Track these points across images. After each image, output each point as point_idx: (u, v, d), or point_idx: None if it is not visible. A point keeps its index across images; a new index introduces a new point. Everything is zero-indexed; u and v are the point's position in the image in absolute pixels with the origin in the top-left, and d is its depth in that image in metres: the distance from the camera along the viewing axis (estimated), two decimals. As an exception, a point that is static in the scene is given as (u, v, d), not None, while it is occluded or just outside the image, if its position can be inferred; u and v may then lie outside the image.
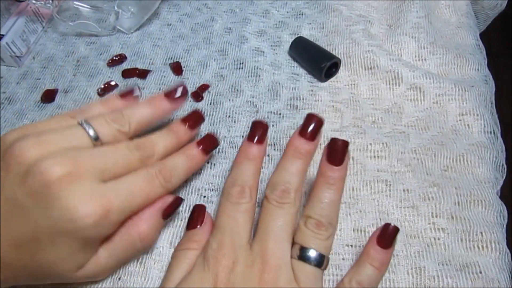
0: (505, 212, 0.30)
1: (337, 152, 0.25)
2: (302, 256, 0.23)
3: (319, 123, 0.27)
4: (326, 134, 0.34)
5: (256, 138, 0.28)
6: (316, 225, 0.24)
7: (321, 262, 0.23)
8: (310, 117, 0.27)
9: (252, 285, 0.22)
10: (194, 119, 0.30)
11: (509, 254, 0.28)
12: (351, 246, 0.28)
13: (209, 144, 0.29)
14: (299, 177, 0.25)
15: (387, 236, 0.24)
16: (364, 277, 0.23)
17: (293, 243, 0.24)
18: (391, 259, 0.25)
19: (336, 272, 0.27)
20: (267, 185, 0.26)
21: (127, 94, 0.29)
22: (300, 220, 0.25)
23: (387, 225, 0.25)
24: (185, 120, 0.29)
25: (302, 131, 0.26)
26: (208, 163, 0.33)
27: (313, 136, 0.26)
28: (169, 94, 0.29)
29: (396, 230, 0.25)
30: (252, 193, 0.26)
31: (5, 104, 0.39)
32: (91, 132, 0.24)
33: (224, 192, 0.27)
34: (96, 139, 0.24)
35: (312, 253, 0.23)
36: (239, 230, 0.24)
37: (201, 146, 0.28)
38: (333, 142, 0.25)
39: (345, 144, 0.25)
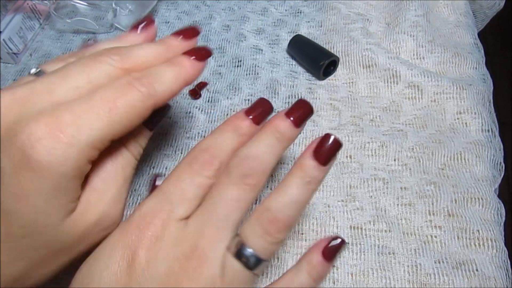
0: (503, 210, 0.30)
1: (327, 149, 0.21)
2: (238, 253, 0.20)
3: (309, 112, 0.23)
4: (324, 132, 0.34)
5: (253, 115, 0.23)
6: (270, 222, 0.20)
7: (256, 266, 0.20)
8: (301, 103, 0.23)
9: (172, 268, 0.19)
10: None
11: (506, 252, 0.28)
12: (348, 243, 0.28)
13: (201, 53, 0.24)
14: (273, 161, 0.21)
15: (333, 249, 0.21)
16: (297, 284, 0.21)
17: (236, 234, 0.20)
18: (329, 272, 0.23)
19: (332, 270, 0.27)
20: (235, 156, 0.21)
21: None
22: (255, 210, 0.20)
23: (335, 237, 0.22)
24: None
25: (289, 113, 0.22)
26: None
27: (299, 123, 0.22)
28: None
29: (343, 242, 0.22)
30: (221, 170, 0.21)
31: (2, 101, 0.39)
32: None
33: (189, 154, 0.22)
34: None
35: (250, 254, 0.20)
36: (183, 203, 0.20)
37: (193, 57, 0.23)
38: (326, 137, 0.21)
39: (338, 144, 0.21)
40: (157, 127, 0.26)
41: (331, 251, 0.21)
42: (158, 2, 0.45)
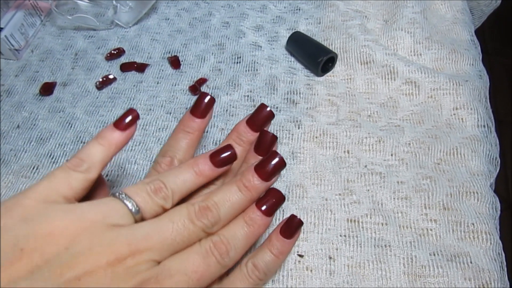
0: (498, 204, 0.31)
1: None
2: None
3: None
4: (323, 127, 0.34)
5: (199, 111, 0.26)
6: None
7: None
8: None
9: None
10: (275, 168, 0.24)
11: (501, 245, 0.28)
12: (345, 236, 0.29)
13: (273, 203, 0.24)
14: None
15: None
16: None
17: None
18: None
19: (329, 262, 0.28)
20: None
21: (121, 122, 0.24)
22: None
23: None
24: (258, 168, 0.24)
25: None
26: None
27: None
28: (214, 157, 0.24)
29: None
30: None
31: (4, 96, 0.40)
32: (131, 206, 0.21)
33: (155, 160, 0.26)
34: (137, 214, 0.21)
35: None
36: None
37: (264, 207, 0.23)
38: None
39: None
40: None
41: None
42: (158, -1, 0.46)
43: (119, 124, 0.24)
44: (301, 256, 0.28)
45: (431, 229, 0.29)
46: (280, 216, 0.30)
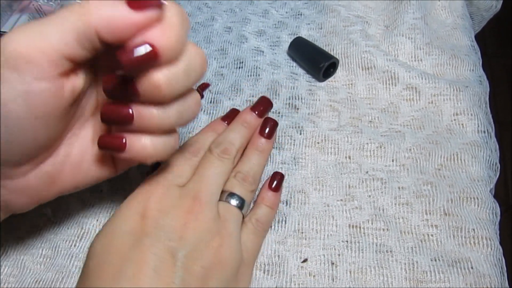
0: (498, 210, 0.31)
1: (270, 128, 0.32)
2: (228, 199, 0.27)
3: (269, 106, 0.33)
4: (324, 133, 0.35)
5: (258, 111, 0.32)
6: (242, 179, 0.28)
7: (242, 205, 0.28)
8: (263, 100, 0.33)
9: (179, 215, 0.24)
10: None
11: (501, 250, 0.29)
12: (347, 242, 0.29)
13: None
14: (242, 142, 0.30)
15: (277, 181, 0.31)
16: (260, 214, 0.29)
17: (222, 191, 0.28)
18: (279, 200, 0.31)
19: (332, 268, 0.28)
20: (213, 142, 0.30)
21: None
22: (231, 174, 0.29)
23: (275, 173, 0.31)
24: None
25: (254, 108, 0.32)
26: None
27: (262, 115, 0.32)
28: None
29: (282, 177, 0.31)
30: (232, 151, 0.29)
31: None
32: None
33: (181, 147, 0.29)
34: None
35: (236, 197, 0.27)
36: (181, 175, 0.27)
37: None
38: (266, 120, 0.32)
39: (275, 123, 0.32)
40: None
41: (277, 184, 0.30)
42: (161, 4, 0.46)
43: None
44: (305, 260, 0.28)
45: (432, 235, 0.29)
46: (282, 222, 0.30)
